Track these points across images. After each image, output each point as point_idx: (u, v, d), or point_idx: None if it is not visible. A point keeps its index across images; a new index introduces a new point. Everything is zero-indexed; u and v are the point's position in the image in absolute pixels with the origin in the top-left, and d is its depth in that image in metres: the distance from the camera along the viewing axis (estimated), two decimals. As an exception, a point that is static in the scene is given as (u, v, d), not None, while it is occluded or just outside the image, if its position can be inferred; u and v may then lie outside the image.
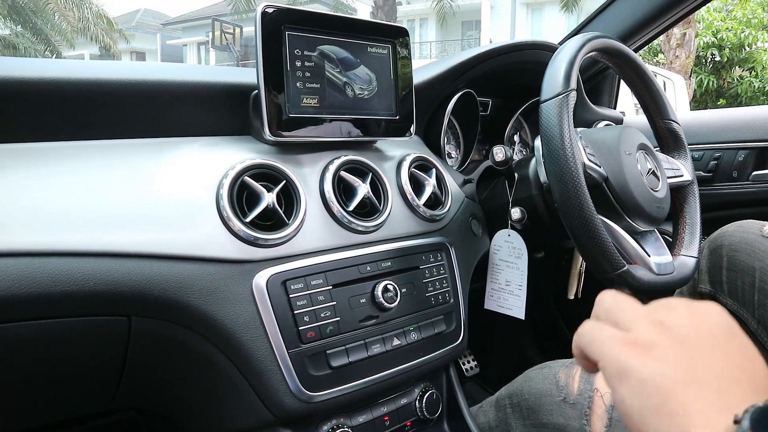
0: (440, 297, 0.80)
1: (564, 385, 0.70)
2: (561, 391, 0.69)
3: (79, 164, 0.61)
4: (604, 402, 0.66)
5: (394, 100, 0.82)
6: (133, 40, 21.50)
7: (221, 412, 0.70)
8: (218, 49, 12.39)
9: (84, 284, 0.55)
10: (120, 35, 15.99)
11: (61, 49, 14.78)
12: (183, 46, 24.82)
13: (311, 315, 0.67)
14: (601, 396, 0.66)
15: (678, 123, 0.95)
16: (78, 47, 16.68)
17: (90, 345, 0.61)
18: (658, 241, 0.89)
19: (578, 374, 0.70)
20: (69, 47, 15.09)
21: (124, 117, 0.68)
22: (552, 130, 0.74)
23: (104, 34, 14.71)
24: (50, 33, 13.99)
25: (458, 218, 0.90)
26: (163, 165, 0.66)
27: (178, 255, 0.61)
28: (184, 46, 24.79)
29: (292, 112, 0.71)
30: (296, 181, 0.71)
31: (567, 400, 0.68)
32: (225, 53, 11.86)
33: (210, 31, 11.70)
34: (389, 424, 0.77)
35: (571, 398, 0.68)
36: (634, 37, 1.20)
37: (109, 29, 14.89)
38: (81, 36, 14.85)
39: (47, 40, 14.03)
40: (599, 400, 0.66)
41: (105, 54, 16.40)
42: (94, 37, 14.61)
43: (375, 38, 0.79)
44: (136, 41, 23.48)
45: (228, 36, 11.39)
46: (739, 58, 9.16)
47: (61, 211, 0.56)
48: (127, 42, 17.89)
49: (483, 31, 18.80)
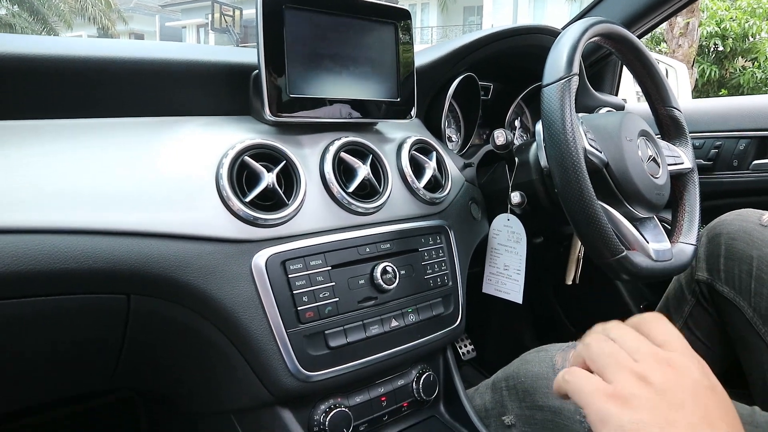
0: (439, 279, 0.81)
1: (560, 368, 0.71)
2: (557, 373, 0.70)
3: (78, 142, 0.61)
4: None
5: (396, 82, 0.81)
6: (132, 21, 21.30)
7: (220, 391, 0.71)
8: (218, 32, 12.30)
9: (83, 262, 0.55)
10: (118, 16, 15.86)
11: (58, 29, 14.64)
12: (182, 28, 24.63)
13: (310, 295, 0.67)
14: None
15: (680, 110, 0.95)
16: (76, 28, 16.54)
17: (89, 323, 0.61)
18: (657, 228, 0.89)
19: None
20: (66, 28, 14.96)
21: (124, 95, 0.67)
22: (553, 115, 0.73)
23: (102, 15, 14.60)
24: (47, 13, 13.85)
25: (458, 202, 0.90)
26: (163, 144, 0.66)
27: (178, 234, 0.61)
28: (183, 28, 24.60)
29: (292, 92, 0.71)
30: (296, 161, 0.70)
31: None
32: (224, 36, 11.77)
33: (209, 13, 11.63)
34: (386, 405, 0.78)
35: None
36: (637, 23, 1.19)
37: (107, 10, 14.77)
38: (79, 17, 14.73)
39: (44, 21, 13.89)
40: None
41: (103, 35, 16.27)
42: (92, 18, 14.49)
43: (377, 19, 0.79)
44: (135, 23, 23.28)
45: (228, 18, 11.30)
46: (742, 49, 9.11)
47: (61, 189, 0.56)
48: (125, 23, 17.74)
49: (485, 17, 18.66)
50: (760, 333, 0.84)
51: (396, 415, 0.80)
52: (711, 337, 0.98)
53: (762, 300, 0.85)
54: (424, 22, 20.72)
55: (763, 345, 0.84)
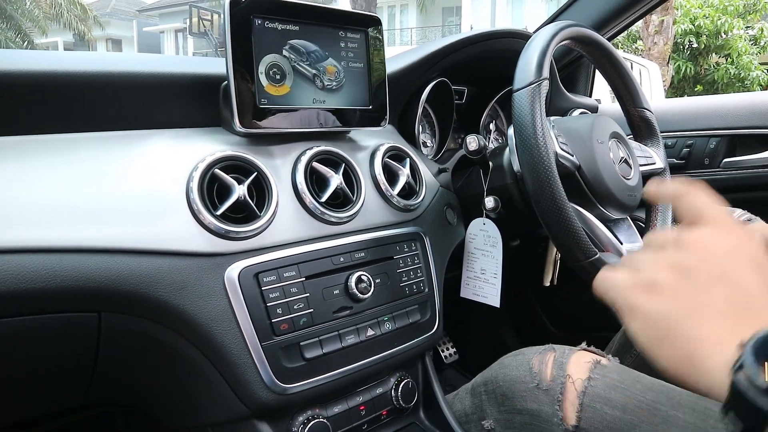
0: (415, 287, 0.81)
1: (537, 372, 0.71)
2: (534, 377, 0.70)
3: (44, 158, 0.60)
4: (576, 388, 0.67)
5: (367, 89, 0.81)
6: (109, 26, 21.06)
7: (196, 406, 0.70)
8: (196, 36, 12.21)
9: (51, 281, 0.54)
10: (95, 22, 15.67)
11: (33, 36, 14.43)
12: (160, 33, 24.41)
13: (284, 307, 0.67)
14: (572, 382, 0.67)
15: (651, 111, 0.96)
16: (51, 34, 16.32)
17: (60, 341, 0.60)
18: (630, 229, 0.91)
19: (551, 361, 0.71)
20: (41, 34, 14.74)
21: (93, 110, 0.66)
22: (524, 120, 0.74)
23: (78, 20, 14.41)
24: (21, 19, 13.63)
25: (433, 207, 0.90)
26: (132, 158, 0.65)
27: (148, 249, 0.61)
28: (161, 33, 24.37)
29: (262, 103, 0.70)
30: (267, 172, 0.70)
31: (540, 386, 0.69)
32: (203, 40, 11.70)
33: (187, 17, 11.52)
34: (365, 414, 0.78)
35: (544, 384, 0.69)
36: (608, 25, 1.20)
37: (83, 16, 14.58)
38: (54, 23, 14.53)
39: (18, 27, 13.68)
40: (571, 386, 0.67)
41: (79, 41, 16.09)
42: (68, 23, 14.30)
43: (347, 27, 0.78)
44: (112, 28, 23.02)
45: (206, 22, 11.21)
46: (716, 45, 9.29)
47: (26, 207, 0.55)
48: (102, 29, 17.55)
49: (464, 17, 18.76)
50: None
51: (376, 423, 0.79)
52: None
53: None
54: (403, 23, 20.78)
55: None
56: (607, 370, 0.69)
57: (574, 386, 0.67)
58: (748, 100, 1.25)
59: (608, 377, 0.68)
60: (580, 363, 0.70)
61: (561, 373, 0.69)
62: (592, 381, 0.67)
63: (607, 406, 0.65)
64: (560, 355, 0.72)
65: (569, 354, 0.72)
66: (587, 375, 0.68)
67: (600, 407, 0.65)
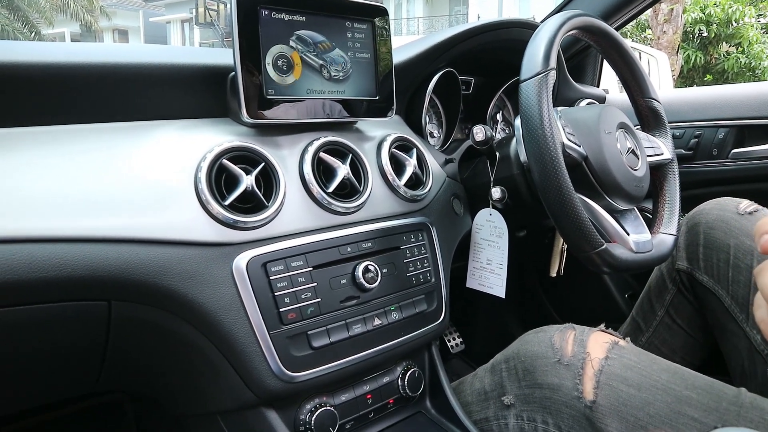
0: (421, 276, 0.81)
1: (559, 348, 0.73)
2: (556, 353, 0.72)
3: (55, 149, 0.61)
4: (593, 366, 0.69)
5: (374, 80, 0.81)
6: (115, 17, 21.07)
7: (205, 393, 0.71)
8: (202, 26, 12.20)
9: (62, 270, 0.55)
10: (101, 12, 15.68)
11: (40, 27, 14.46)
12: (166, 23, 24.39)
13: (292, 296, 0.68)
14: (590, 361, 0.69)
15: (659, 101, 0.96)
16: (58, 25, 16.35)
17: (71, 330, 0.61)
18: (638, 219, 0.90)
19: (571, 338, 0.73)
20: (48, 25, 14.77)
21: (101, 101, 0.67)
22: (531, 110, 0.74)
23: (85, 11, 14.43)
24: (28, 10, 13.66)
25: (439, 198, 0.91)
26: (141, 149, 0.66)
27: (157, 239, 0.61)
28: (168, 23, 24.36)
29: (269, 93, 0.71)
30: (275, 163, 0.70)
31: (561, 361, 0.71)
32: (209, 30, 11.68)
33: (194, 7, 11.52)
34: (372, 402, 0.78)
35: (566, 360, 0.71)
36: (615, 15, 1.19)
37: (89, 6, 14.59)
38: (61, 14, 14.55)
39: (26, 18, 13.71)
40: (589, 364, 0.69)
41: (86, 32, 16.11)
42: (75, 14, 14.33)
43: (354, 17, 0.78)
44: (118, 18, 23.04)
45: (212, 12, 11.21)
46: (726, 34, 9.17)
47: (38, 197, 0.56)
48: (108, 19, 17.56)
49: (471, 6, 18.61)
50: (737, 320, 0.86)
51: (382, 412, 0.80)
52: (692, 325, 0.99)
53: (739, 288, 0.86)
54: (410, 13, 20.64)
55: (740, 332, 0.85)
56: (624, 351, 0.71)
57: (591, 364, 0.69)
58: (757, 90, 1.24)
59: (625, 357, 0.70)
60: (599, 342, 0.72)
61: (581, 350, 0.71)
62: (610, 360, 0.69)
63: (623, 384, 0.67)
64: (580, 333, 0.74)
65: (588, 333, 0.74)
66: (605, 354, 0.70)
67: (616, 385, 0.67)
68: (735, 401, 0.65)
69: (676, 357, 1.00)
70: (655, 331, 1.02)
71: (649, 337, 1.03)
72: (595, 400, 0.66)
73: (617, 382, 0.67)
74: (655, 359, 0.71)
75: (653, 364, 0.70)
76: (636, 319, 1.06)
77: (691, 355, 1.01)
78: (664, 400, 0.65)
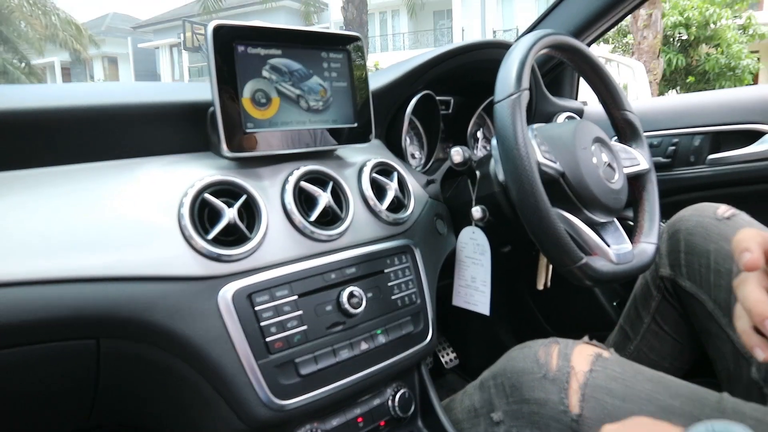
0: (407, 299, 0.82)
1: (544, 362, 0.73)
2: (541, 368, 0.73)
3: (39, 192, 0.62)
4: (578, 379, 0.70)
5: (353, 107, 0.83)
6: (104, 45, 21.14)
7: (197, 424, 0.72)
8: (190, 50, 12.26)
9: (48, 312, 0.56)
10: (90, 41, 15.73)
11: (30, 57, 14.51)
12: (155, 48, 24.49)
13: (278, 326, 0.69)
14: (575, 374, 0.70)
15: (633, 113, 0.98)
16: (48, 54, 16.39)
17: (60, 368, 0.62)
18: (618, 231, 0.92)
19: (556, 352, 0.74)
20: (38, 55, 14.81)
21: (85, 142, 0.68)
22: (506, 131, 0.75)
23: (73, 40, 14.48)
24: (18, 42, 13.71)
25: (422, 219, 0.92)
26: (125, 187, 0.67)
27: (143, 276, 0.62)
28: (156, 48, 24.47)
29: (248, 127, 0.72)
30: (256, 195, 0.72)
31: (547, 376, 0.72)
32: (198, 54, 11.75)
33: (181, 32, 11.57)
34: (363, 425, 0.79)
35: (551, 374, 0.72)
36: (587, 30, 1.22)
37: (78, 35, 14.64)
38: (50, 43, 14.60)
39: (15, 49, 13.76)
40: (574, 377, 0.70)
41: (76, 60, 16.13)
42: (64, 43, 14.37)
43: (328, 47, 0.80)
44: (107, 46, 23.11)
45: (199, 37, 11.26)
46: (705, 36, 9.31)
47: (21, 240, 0.57)
48: (97, 47, 17.62)
49: (455, 19, 18.80)
50: (721, 324, 0.87)
51: (374, 434, 0.81)
52: (678, 331, 1.00)
53: (721, 292, 0.88)
54: (395, 28, 20.83)
55: (724, 335, 0.87)
56: (608, 362, 0.72)
57: (576, 378, 0.70)
58: (730, 96, 1.27)
59: (609, 369, 0.70)
60: (583, 355, 0.73)
61: (566, 364, 0.72)
62: (594, 372, 0.70)
63: (608, 396, 0.68)
64: (564, 347, 0.75)
65: (572, 346, 0.75)
66: (589, 367, 0.71)
67: (601, 397, 0.68)
68: (717, 407, 0.66)
69: (665, 363, 1.01)
70: (642, 338, 1.04)
71: (638, 345, 1.04)
72: (581, 413, 0.67)
73: (602, 394, 0.68)
74: (640, 369, 0.72)
75: (637, 374, 0.71)
76: (624, 327, 1.08)
77: (680, 360, 1.02)
78: (648, 410, 0.66)
